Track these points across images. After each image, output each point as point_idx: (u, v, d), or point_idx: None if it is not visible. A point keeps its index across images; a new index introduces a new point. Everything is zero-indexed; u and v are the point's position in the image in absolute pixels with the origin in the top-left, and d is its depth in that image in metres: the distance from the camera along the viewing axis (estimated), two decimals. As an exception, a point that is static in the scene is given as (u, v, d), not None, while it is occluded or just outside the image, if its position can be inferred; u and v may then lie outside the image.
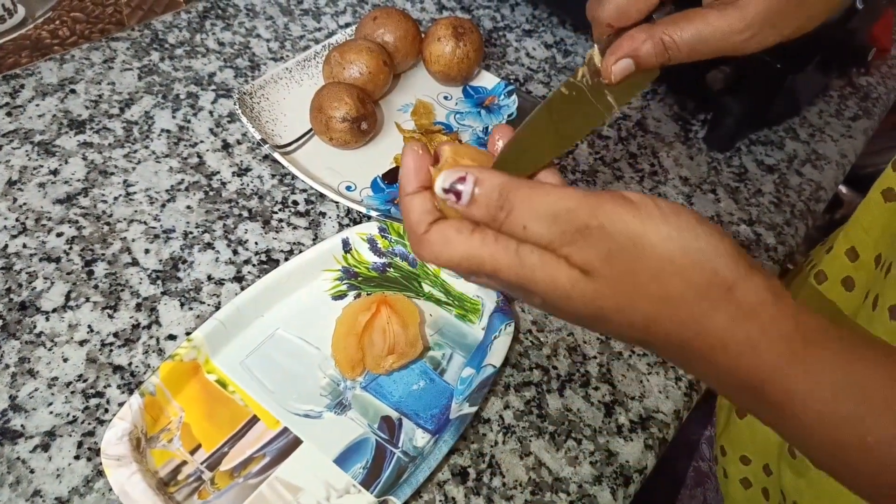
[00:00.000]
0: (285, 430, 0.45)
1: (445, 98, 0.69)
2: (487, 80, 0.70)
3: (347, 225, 0.57)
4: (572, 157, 0.67)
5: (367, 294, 0.53)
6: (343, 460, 0.44)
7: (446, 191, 0.30)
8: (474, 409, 0.45)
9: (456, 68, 0.67)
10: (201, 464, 0.43)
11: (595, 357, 0.53)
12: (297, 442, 0.45)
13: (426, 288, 0.54)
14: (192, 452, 0.43)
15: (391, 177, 0.61)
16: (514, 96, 0.69)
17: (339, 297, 0.52)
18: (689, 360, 0.30)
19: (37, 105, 0.61)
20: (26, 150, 0.57)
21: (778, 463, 0.53)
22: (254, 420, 0.45)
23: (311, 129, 0.62)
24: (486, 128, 0.67)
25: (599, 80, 0.39)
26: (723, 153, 0.72)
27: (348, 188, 0.59)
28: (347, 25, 0.76)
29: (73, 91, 0.63)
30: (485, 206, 0.30)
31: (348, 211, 0.58)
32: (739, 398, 0.31)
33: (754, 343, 0.28)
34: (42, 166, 0.56)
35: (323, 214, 0.58)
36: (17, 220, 0.53)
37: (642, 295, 0.29)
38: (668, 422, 0.50)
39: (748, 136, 0.75)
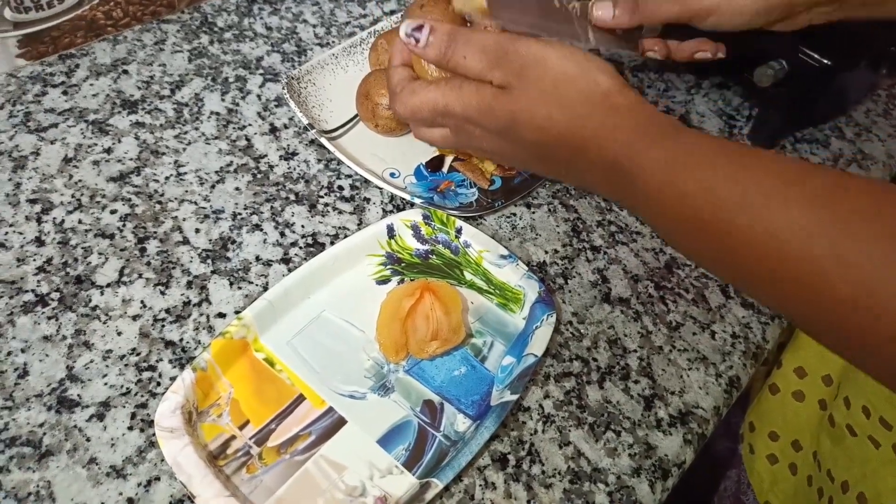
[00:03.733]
0: (330, 409, 0.46)
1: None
2: (531, 71, 0.70)
3: (391, 211, 0.58)
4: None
5: (411, 280, 0.53)
6: (386, 441, 0.45)
7: (408, 35, 0.41)
8: (515, 396, 0.46)
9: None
10: (249, 439, 0.44)
11: (635, 350, 0.53)
12: (341, 422, 0.46)
13: (468, 276, 0.54)
14: (241, 428, 0.44)
15: (435, 165, 0.61)
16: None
17: (382, 281, 0.53)
18: (572, 157, 0.40)
19: (91, 84, 0.62)
20: (81, 129, 0.58)
21: (817, 433, 0.54)
22: (300, 399, 0.46)
23: (356, 116, 0.62)
24: (530, 118, 0.67)
25: (587, 14, 0.51)
26: (767, 150, 0.71)
27: (392, 175, 0.60)
28: (392, 12, 0.76)
29: (125, 72, 0.64)
30: (436, 46, 0.41)
31: (392, 197, 0.59)
32: (604, 183, 0.40)
33: (616, 128, 0.38)
34: (96, 144, 0.58)
35: (367, 200, 0.58)
36: (72, 196, 0.54)
37: (545, 98, 0.39)
38: (707, 418, 0.51)
39: (793, 133, 0.74)
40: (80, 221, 0.53)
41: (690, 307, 0.57)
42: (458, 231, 0.54)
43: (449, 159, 0.62)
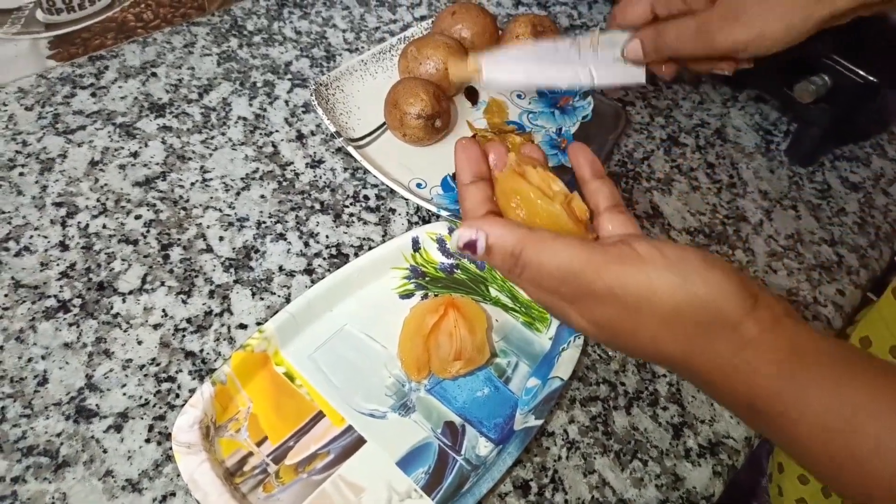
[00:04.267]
0: (350, 428, 0.45)
1: (519, 97, 0.68)
2: (563, 81, 0.69)
3: (416, 223, 0.57)
4: (648, 163, 0.65)
5: (435, 295, 0.52)
6: (406, 463, 0.44)
7: (461, 248, 0.33)
8: (540, 422, 0.44)
9: (533, 68, 0.65)
10: (267, 456, 0.43)
11: (664, 375, 0.51)
12: (360, 441, 0.45)
13: (493, 292, 0.53)
14: (259, 444, 0.44)
15: (462, 176, 0.60)
16: (590, 98, 0.67)
17: (406, 295, 0.52)
18: (689, 377, 0.34)
19: (119, 87, 0.62)
20: (108, 132, 0.58)
21: None
22: (319, 416, 0.45)
23: (384, 124, 0.62)
24: (560, 129, 0.65)
25: (594, 53, 0.51)
26: (805, 168, 0.69)
27: (419, 185, 0.59)
28: (423, 18, 0.75)
29: (154, 74, 0.64)
30: (500, 264, 0.33)
31: (417, 208, 0.58)
32: (738, 413, 0.33)
33: (751, 368, 0.30)
34: (123, 148, 0.57)
35: (393, 211, 0.57)
36: (97, 200, 0.54)
37: (647, 339, 0.32)
38: (738, 448, 0.49)
39: (833, 150, 0.71)
40: (104, 226, 0.52)
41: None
42: (485, 246, 0.53)
43: (477, 171, 0.61)
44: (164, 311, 0.49)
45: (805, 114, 0.67)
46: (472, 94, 0.67)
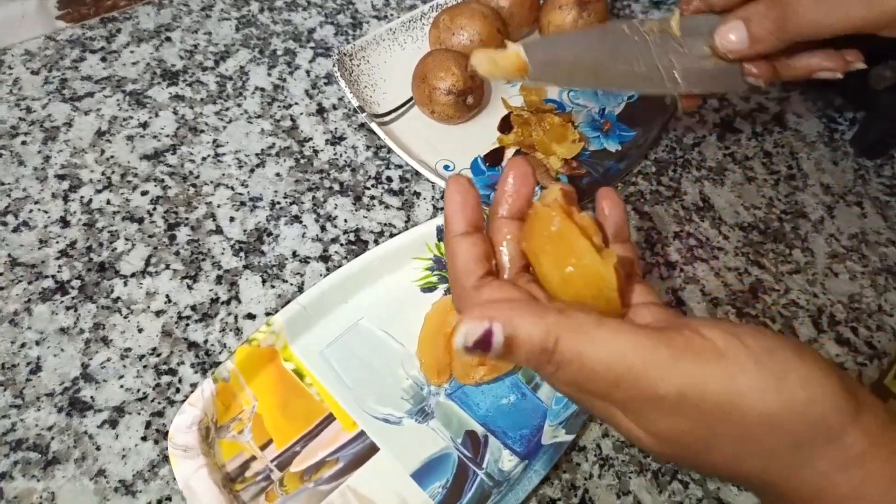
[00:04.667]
0: (362, 433, 0.41)
1: (559, 73, 0.62)
2: (608, 57, 0.63)
3: (442, 208, 0.52)
4: (699, 150, 0.59)
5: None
6: (421, 475, 0.40)
7: (469, 349, 0.24)
8: (571, 437, 0.40)
9: (576, 41, 0.60)
10: (271, 461, 0.40)
11: (710, 387, 0.46)
12: (373, 449, 0.41)
13: (524, 288, 0.48)
14: (263, 448, 0.40)
15: (494, 158, 0.55)
16: (637, 77, 0.61)
17: (428, 289, 0.48)
18: (774, 500, 0.27)
19: (131, 52, 0.58)
20: (117, 100, 0.54)
21: None
22: (329, 419, 0.42)
23: (411, 99, 0.57)
24: (603, 110, 0.60)
25: (673, 45, 0.36)
26: (872, 161, 0.62)
27: (446, 167, 0.54)
28: (458, -16, 0.70)
29: (168, 39, 0.59)
30: (525, 361, 0.25)
31: (444, 193, 0.53)
32: None
33: (857, 494, 0.24)
34: (132, 118, 0.54)
35: (417, 195, 0.53)
36: (103, 173, 0.50)
37: (726, 455, 0.25)
38: (788, 472, 0.44)
39: (903, 142, 0.65)
40: (108, 202, 0.49)
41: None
42: (517, 237, 0.48)
43: (510, 152, 0.56)
44: (167, 296, 0.45)
45: (875, 102, 0.61)
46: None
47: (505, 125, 0.58)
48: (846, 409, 0.24)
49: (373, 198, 0.52)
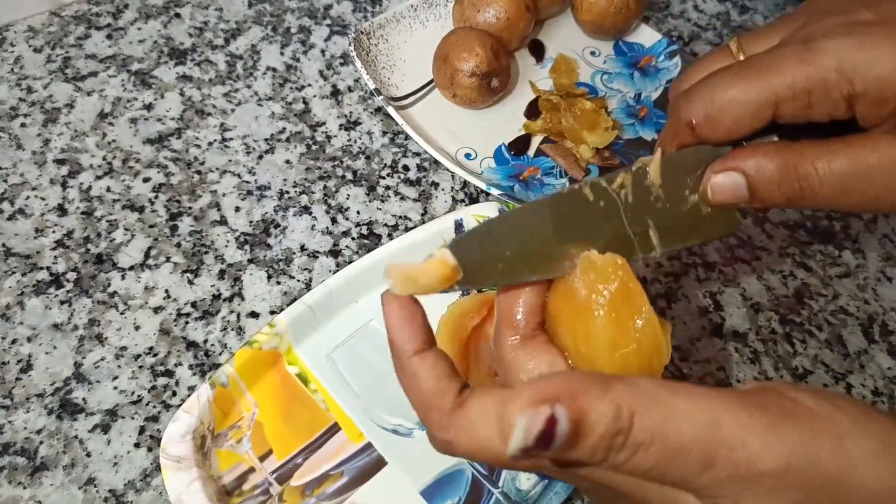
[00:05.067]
0: (369, 445, 0.38)
1: (592, 54, 0.58)
2: (645, 36, 0.59)
3: (462, 201, 0.49)
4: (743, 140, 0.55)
5: (478, 291, 0.44)
6: (432, 493, 0.37)
7: (529, 451, 0.19)
8: (596, 456, 0.37)
9: (611, 19, 0.55)
10: (271, 474, 0.37)
11: (750, 403, 0.42)
12: (380, 463, 0.38)
13: (549, 289, 0.45)
14: (262, 459, 0.37)
15: (519, 147, 0.52)
16: (677, 58, 0.57)
17: (444, 290, 0.44)
18: None
19: (139, 29, 0.55)
20: (122, 80, 0.52)
21: None
22: (335, 429, 0.39)
23: (431, 81, 0.53)
24: (639, 94, 0.55)
25: (649, 199, 0.27)
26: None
27: (468, 156, 0.50)
28: (485, -42, 0.65)
29: (177, 15, 0.56)
30: (593, 448, 0.20)
31: (464, 184, 0.50)
32: None
33: None
34: (136, 99, 0.51)
35: (435, 185, 0.49)
36: (104, 158, 0.47)
37: None
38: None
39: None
40: (108, 189, 0.46)
41: (823, 350, 0.45)
42: (541, 234, 0.44)
43: (537, 140, 0.52)
44: (167, 291, 0.43)
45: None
46: (537, 49, 0.57)
47: (532, 111, 0.54)
48: None
49: (388, 188, 0.49)
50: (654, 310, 0.25)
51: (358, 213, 0.47)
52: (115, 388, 0.39)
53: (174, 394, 0.39)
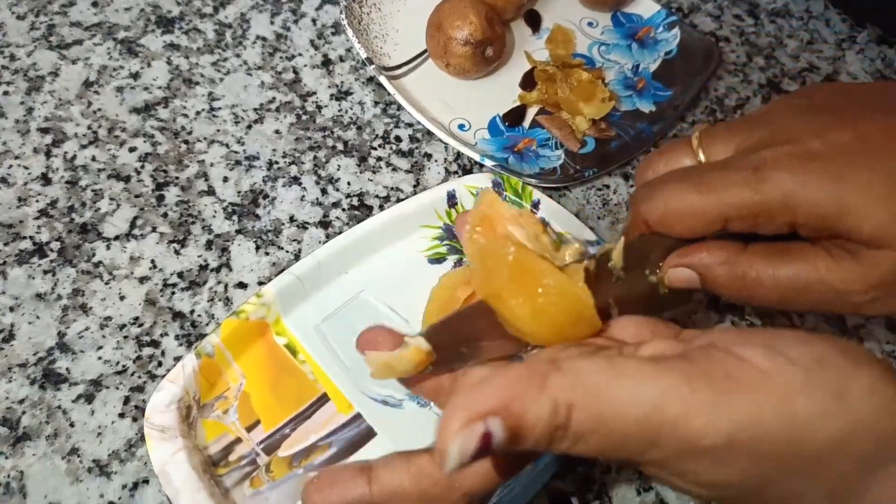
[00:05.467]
0: (358, 416, 0.38)
1: (590, 25, 0.57)
2: (644, 7, 0.57)
3: (455, 172, 0.48)
4: (742, 112, 0.54)
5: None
6: (421, 465, 0.37)
7: (470, 459, 0.20)
8: (589, 428, 0.36)
9: (609, -11, 0.54)
10: (258, 444, 0.36)
11: (746, 376, 0.42)
12: (369, 434, 0.37)
13: (542, 261, 0.44)
14: (249, 430, 0.37)
15: (514, 118, 0.51)
16: (676, 30, 0.55)
17: (436, 260, 0.43)
18: None
19: (125, -4, 0.54)
20: (108, 48, 0.50)
21: None
22: (323, 399, 0.38)
23: (425, 51, 0.52)
24: (637, 66, 0.54)
25: (612, 281, 0.29)
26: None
27: (461, 127, 0.49)
28: (481, -72, 0.64)
29: (165, -17, 0.55)
30: (535, 444, 0.20)
31: (458, 155, 0.49)
32: None
33: None
34: (122, 68, 0.50)
35: (428, 157, 0.48)
36: (89, 127, 0.46)
37: (787, 489, 0.21)
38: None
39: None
40: (93, 158, 0.45)
41: (820, 323, 0.45)
42: (535, 205, 0.44)
43: (532, 111, 0.51)
44: (152, 261, 0.42)
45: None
46: (533, 19, 0.56)
47: (527, 81, 0.52)
48: None
49: (379, 159, 0.48)
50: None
51: (349, 184, 0.46)
52: (100, 358, 0.38)
53: (160, 364, 0.38)
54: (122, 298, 0.40)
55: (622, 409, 0.20)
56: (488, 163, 0.46)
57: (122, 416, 0.37)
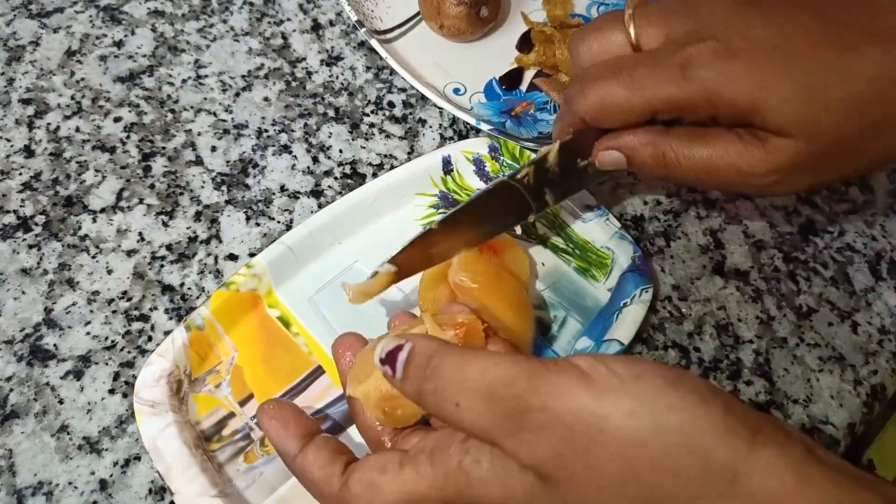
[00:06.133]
0: (354, 389, 0.37)
1: (588, -15, 0.55)
2: (644, -35, 0.55)
3: (451, 138, 0.46)
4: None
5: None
6: (419, 437, 0.36)
7: (383, 361, 0.27)
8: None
9: (608, -55, 0.52)
10: (251, 419, 0.36)
11: (751, 342, 0.41)
12: (366, 406, 0.36)
13: (541, 229, 0.43)
14: (243, 404, 0.36)
15: (510, 81, 0.49)
16: (678, -12, 0.53)
17: (433, 228, 0.42)
18: None
19: (107, -39, 0.52)
20: (90, 16, 0.49)
21: None
22: (318, 372, 0.37)
23: (418, 13, 0.50)
24: (637, 27, 0.52)
25: (547, 177, 0.35)
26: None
27: (456, 91, 0.48)
28: None
29: (148, -53, 0.53)
30: (413, 378, 0.26)
31: (453, 120, 0.47)
32: None
33: None
34: (106, 36, 0.48)
35: (422, 122, 0.47)
36: (72, 98, 0.45)
37: (619, 498, 0.22)
38: (838, 437, 0.39)
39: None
40: (77, 129, 0.44)
41: (828, 288, 0.43)
42: (534, 170, 0.42)
43: (529, 74, 0.49)
44: (140, 234, 0.41)
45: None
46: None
47: (524, 43, 0.51)
48: (733, 443, 0.21)
49: (372, 125, 0.46)
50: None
51: (341, 151, 0.45)
52: (88, 333, 0.37)
53: (150, 339, 0.37)
54: (109, 272, 0.39)
55: (467, 362, 0.24)
56: (485, 127, 0.44)
57: (111, 392, 0.36)
